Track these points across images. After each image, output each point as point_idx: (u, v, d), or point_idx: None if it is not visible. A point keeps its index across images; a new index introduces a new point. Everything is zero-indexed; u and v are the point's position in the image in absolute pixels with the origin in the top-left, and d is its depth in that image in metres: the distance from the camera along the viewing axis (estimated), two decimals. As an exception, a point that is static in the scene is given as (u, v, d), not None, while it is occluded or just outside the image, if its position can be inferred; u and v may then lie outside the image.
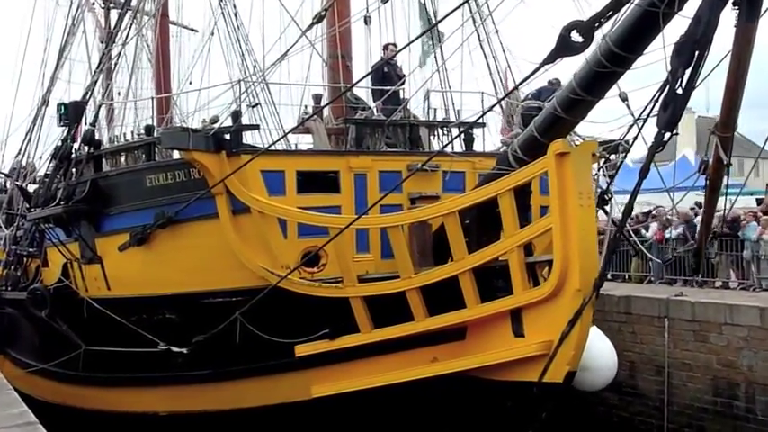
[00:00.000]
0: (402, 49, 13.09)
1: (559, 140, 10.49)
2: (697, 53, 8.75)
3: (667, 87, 9.16)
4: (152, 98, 19.08)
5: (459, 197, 11.67)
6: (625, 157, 12.47)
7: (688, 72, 8.79)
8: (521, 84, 10.92)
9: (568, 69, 10.52)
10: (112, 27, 22.21)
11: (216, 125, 12.48)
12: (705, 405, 15.54)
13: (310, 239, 12.88)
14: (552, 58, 9.72)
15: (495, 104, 12.03)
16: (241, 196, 12.61)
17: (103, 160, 15.01)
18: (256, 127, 13.30)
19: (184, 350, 13.51)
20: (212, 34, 22.35)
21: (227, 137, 12.64)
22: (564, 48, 9.56)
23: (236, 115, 12.65)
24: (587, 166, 10.61)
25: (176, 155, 13.72)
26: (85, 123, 15.73)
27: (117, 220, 14.27)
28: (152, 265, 13.79)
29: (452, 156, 12.89)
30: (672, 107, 9.02)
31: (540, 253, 12.03)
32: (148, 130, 14.57)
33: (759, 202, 18.96)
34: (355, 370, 12.86)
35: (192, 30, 28.57)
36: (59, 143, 15.29)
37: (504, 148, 14.71)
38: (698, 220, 17.31)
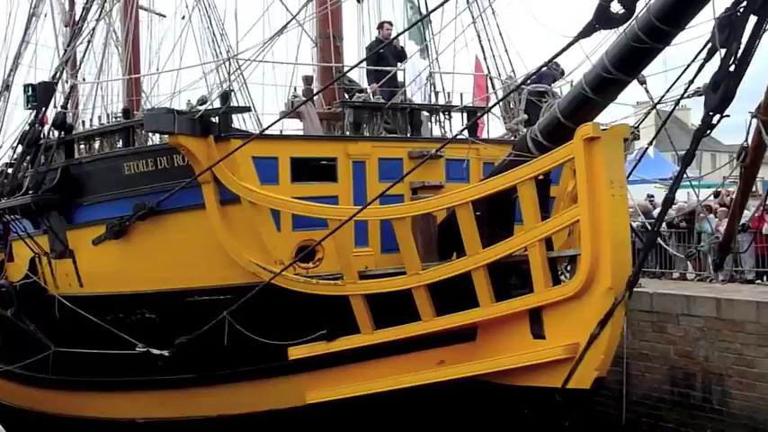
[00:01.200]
0: (404, 32, 11.96)
1: (589, 124, 9.55)
2: (755, 23, 7.84)
3: (702, 64, 8.34)
4: (127, 78, 17.77)
5: (475, 186, 10.68)
6: (650, 144, 11.56)
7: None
8: (551, 60, 9.89)
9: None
10: (77, 10, 21.07)
11: (203, 107, 11.33)
12: (663, 395, 15.39)
13: (306, 232, 11.85)
14: (588, 31, 8.79)
15: (516, 88, 10.98)
16: (230, 185, 11.54)
17: (75, 146, 13.78)
18: (248, 109, 12.25)
19: (165, 352, 12.45)
20: (183, 18, 21.18)
21: (215, 120, 11.53)
22: (602, 20, 8.61)
23: (226, 96, 11.56)
24: (619, 151, 9.69)
25: (158, 139, 12.59)
26: (54, 106, 14.47)
27: (91, 211, 13.15)
28: (130, 259, 12.69)
29: (480, 142, 11.86)
30: (724, 86, 8.11)
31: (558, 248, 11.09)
32: (126, 113, 13.41)
33: (716, 194, 18.65)
34: (354, 374, 11.86)
35: (160, 15, 27.29)
36: (26, 127, 14.05)
37: (508, 134, 13.91)
38: (656, 212, 17.37)
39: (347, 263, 11.40)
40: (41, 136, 13.97)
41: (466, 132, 13.73)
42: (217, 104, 11.40)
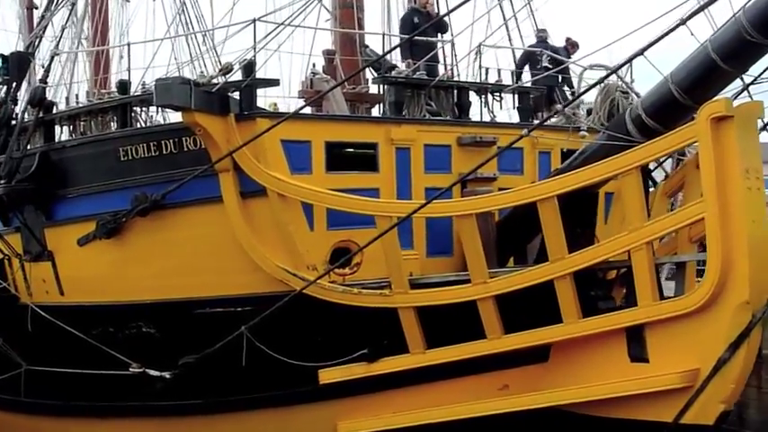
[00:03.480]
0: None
1: (720, 99, 7.77)
2: None
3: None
4: (112, 47, 15.46)
5: (564, 177, 8.79)
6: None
7: None
8: (685, 21, 8.01)
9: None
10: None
11: (220, 78, 9.32)
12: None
13: (342, 232, 9.94)
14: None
15: (613, 71, 9.05)
16: (255, 174, 9.58)
17: (57, 127, 11.65)
18: (276, 82, 10.20)
19: (166, 374, 10.54)
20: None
21: (236, 95, 9.57)
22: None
23: (250, 67, 9.54)
24: (754, 134, 7.93)
25: (160, 119, 10.56)
26: (28, 82, 12.33)
27: (76, 205, 11.20)
28: (125, 263, 10.76)
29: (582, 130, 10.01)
30: None
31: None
32: (123, 86, 11.25)
33: None
34: (399, 402, 10.01)
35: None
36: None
37: (563, 119, 12.10)
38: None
39: (397, 269, 9.49)
40: (13, 115, 11.78)
41: (516, 117, 12.03)
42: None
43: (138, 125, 10.96)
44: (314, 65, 12.22)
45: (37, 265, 11.77)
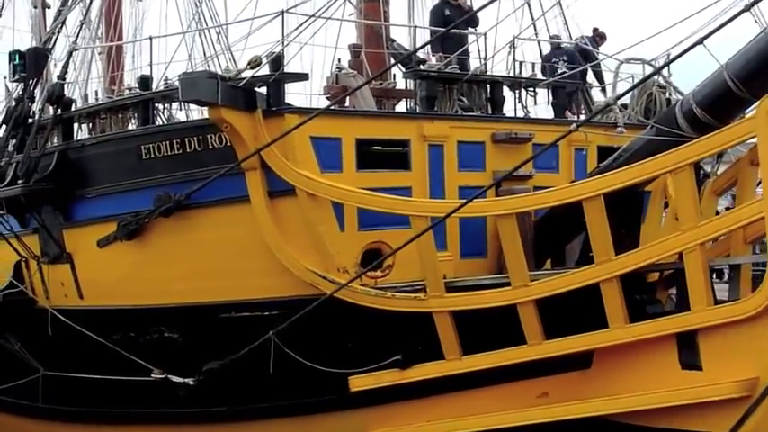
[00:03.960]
0: None
1: (782, 91, 7.30)
2: None
3: None
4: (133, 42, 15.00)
5: (610, 175, 8.32)
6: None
7: None
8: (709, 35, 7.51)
9: None
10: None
11: (247, 73, 8.90)
12: None
13: (374, 232, 9.52)
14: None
15: (667, 65, 8.58)
16: (283, 172, 9.16)
17: (76, 125, 11.26)
18: (305, 76, 9.78)
19: (190, 380, 10.14)
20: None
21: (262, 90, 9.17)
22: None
23: (278, 60, 9.11)
24: (818, 129, 7.42)
25: (184, 115, 10.16)
26: (45, 79, 11.94)
27: (96, 206, 10.80)
28: (147, 265, 10.35)
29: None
30: None
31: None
32: (144, 82, 10.83)
33: None
34: (432, 410, 9.57)
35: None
36: (12, 103, 11.49)
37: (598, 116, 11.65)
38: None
39: (432, 272, 9.05)
40: (31, 113, 11.39)
41: (550, 112, 11.60)
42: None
43: (159, 123, 10.54)
44: (339, 60, 11.79)
45: (55, 268, 11.38)
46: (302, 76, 9.69)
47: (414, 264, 9.43)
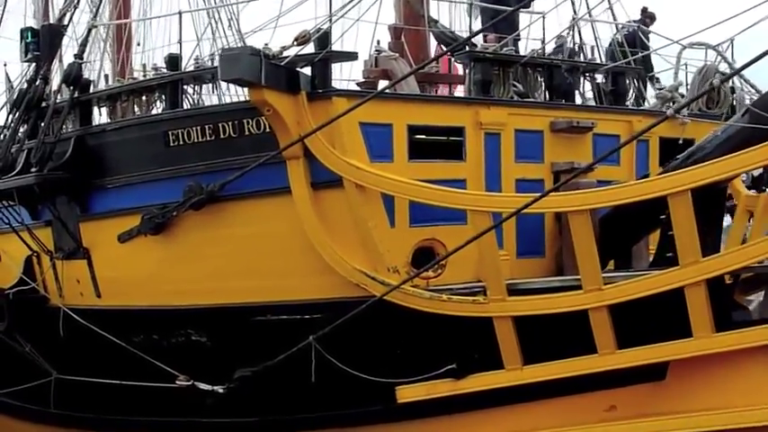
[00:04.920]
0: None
1: None
2: None
3: None
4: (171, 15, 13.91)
5: (699, 168, 7.45)
6: None
7: None
8: None
9: None
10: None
11: (292, 50, 8.02)
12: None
13: (426, 229, 8.68)
14: None
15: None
16: (330, 162, 8.31)
17: (95, 109, 10.41)
18: (354, 55, 8.92)
19: (219, 388, 9.31)
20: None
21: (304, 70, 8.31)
22: None
23: (324, 38, 8.23)
24: None
25: (215, 98, 9.28)
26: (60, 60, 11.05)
27: (117, 197, 9.94)
28: (174, 263, 9.51)
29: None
30: None
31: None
32: (173, 61, 9.92)
33: None
34: (488, 425, 8.75)
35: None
36: (24, 85, 10.60)
37: (656, 102, 10.89)
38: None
39: (494, 273, 8.22)
40: (44, 96, 10.51)
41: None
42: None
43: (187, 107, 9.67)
44: (378, 42, 10.91)
45: (70, 264, 10.50)
46: (351, 55, 8.82)
47: (467, 263, 8.64)
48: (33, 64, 10.58)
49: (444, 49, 10.95)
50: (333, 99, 8.26)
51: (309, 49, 8.42)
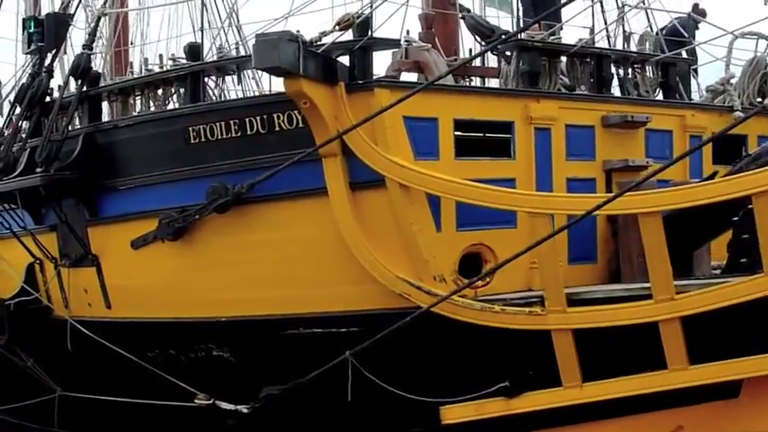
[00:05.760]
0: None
1: None
2: None
3: None
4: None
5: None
6: None
7: None
8: None
9: None
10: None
11: (330, 37, 7.26)
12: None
13: (474, 233, 7.95)
14: None
15: None
16: (372, 160, 7.54)
17: (107, 104, 9.65)
18: (397, 42, 8.18)
19: (244, 408, 8.64)
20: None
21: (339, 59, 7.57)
22: None
23: (365, 24, 7.47)
24: None
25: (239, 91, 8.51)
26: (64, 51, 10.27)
27: (131, 199, 9.21)
28: (195, 271, 8.76)
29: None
30: None
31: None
32: (194, 50, 9.11)
33: None
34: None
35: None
36: (27, 78, 9.82)
37: (706, 96, 10.23)
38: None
39: (554, 282, 7.47)
40: (49, 90, 9.73)
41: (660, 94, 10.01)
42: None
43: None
44: (407, 32, 10.17)
45: (77, 272, 9.78)
46: (394, 43, 8.07)
47: (515, 270, 7.91)
48: (37, 56, 9.81)
49: (478, 39, 10.18)
50: (375, 91, 7.49)
51: (345, 36, 7.68)
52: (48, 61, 9.69)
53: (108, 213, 9.37)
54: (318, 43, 7.28)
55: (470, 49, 10.92)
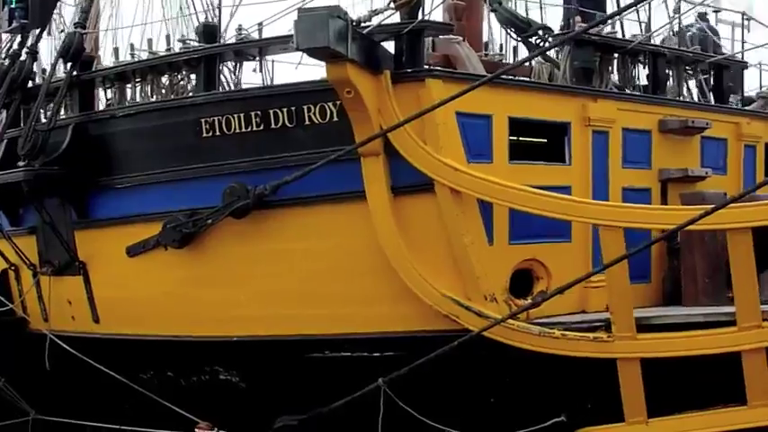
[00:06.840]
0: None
1: None
2: None
3: None
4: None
5: None
6: None
7: None
8: None
9: None
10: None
11: (379, 18, 6.32)
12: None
13: (527, 246, 7.09)
14: None
15: None
16: (420, 161, 6.62)
17: (101, 90, 8.62)
18: (450, 27, 7.24)
19: None
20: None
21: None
22: None
23: (416, 4, 6.51)
24: None
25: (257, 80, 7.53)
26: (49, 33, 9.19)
27: (128, 199, 8.33)
28: (202, 283, 7.88)
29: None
30: None
31: None
32: (209, 32, 8.03)
33: None
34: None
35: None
36: (6, 61, 8.71)
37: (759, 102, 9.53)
38: None
39: (624, 305, 6.63)
40: (32, 75, 8.64)
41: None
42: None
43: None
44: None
45: (60, 281, 8.94)
46: (446, 27, 7.12)
47: (568, 290, 7.01)
48: (19, 36, 8.71)
49: (511, 34, 9.31)
50: (426, 81, 6.56)
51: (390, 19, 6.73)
52: (31, 41, 8.57)
53: (100, 215, 8.48)
54: (365, 24, 6.31)
55: (501, 46, 10.02)
